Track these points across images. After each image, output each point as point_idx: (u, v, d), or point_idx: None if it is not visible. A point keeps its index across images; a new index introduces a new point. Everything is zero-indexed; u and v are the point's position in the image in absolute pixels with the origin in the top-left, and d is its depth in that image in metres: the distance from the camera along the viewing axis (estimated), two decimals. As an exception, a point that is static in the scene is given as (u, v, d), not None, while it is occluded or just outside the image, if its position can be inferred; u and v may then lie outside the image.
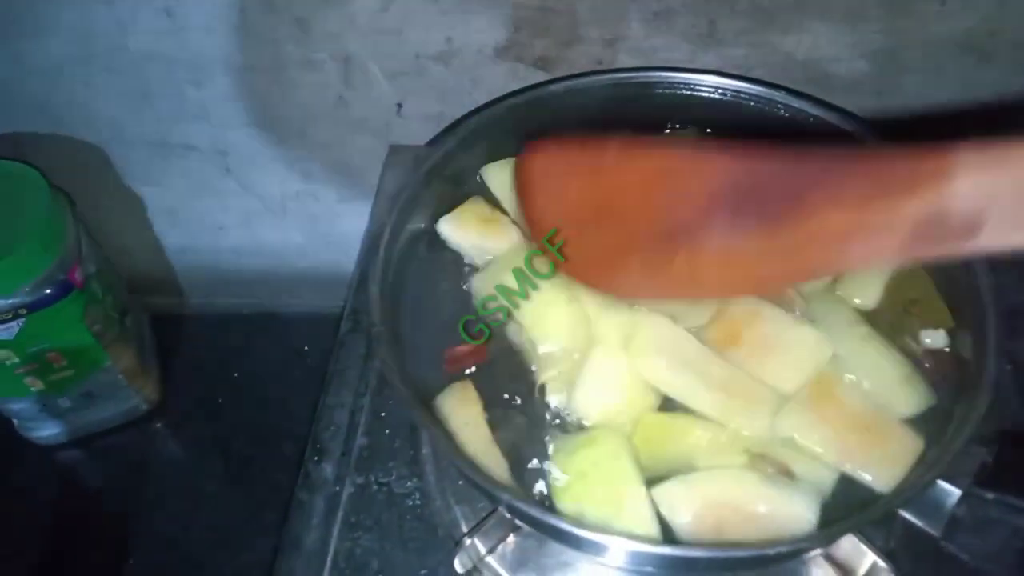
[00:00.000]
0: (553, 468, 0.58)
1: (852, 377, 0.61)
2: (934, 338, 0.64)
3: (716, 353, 0.61)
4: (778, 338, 0.62)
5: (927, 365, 0.63)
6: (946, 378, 0.62)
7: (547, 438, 0.60)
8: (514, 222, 0.70)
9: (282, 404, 1.05)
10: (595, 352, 0.61)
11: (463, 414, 0.59)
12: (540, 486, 0.58)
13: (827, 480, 0.57)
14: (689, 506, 0.55)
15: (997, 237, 0.40)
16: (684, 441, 0.59)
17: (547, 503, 0.57)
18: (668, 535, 0.55)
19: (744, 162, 0.48)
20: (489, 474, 0.55)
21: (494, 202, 0.71)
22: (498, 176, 0.72)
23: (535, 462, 0.59)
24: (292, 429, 1.01)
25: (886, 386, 0.61)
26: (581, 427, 0.60)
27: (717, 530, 0.55)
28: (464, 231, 0.69)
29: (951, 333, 0.64)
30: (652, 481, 0.57)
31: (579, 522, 0.54)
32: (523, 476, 0.58)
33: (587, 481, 0.56)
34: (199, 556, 0.95)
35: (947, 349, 0.63)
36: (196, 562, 0.94)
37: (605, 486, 0.56)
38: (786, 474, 0.57)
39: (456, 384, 0.62)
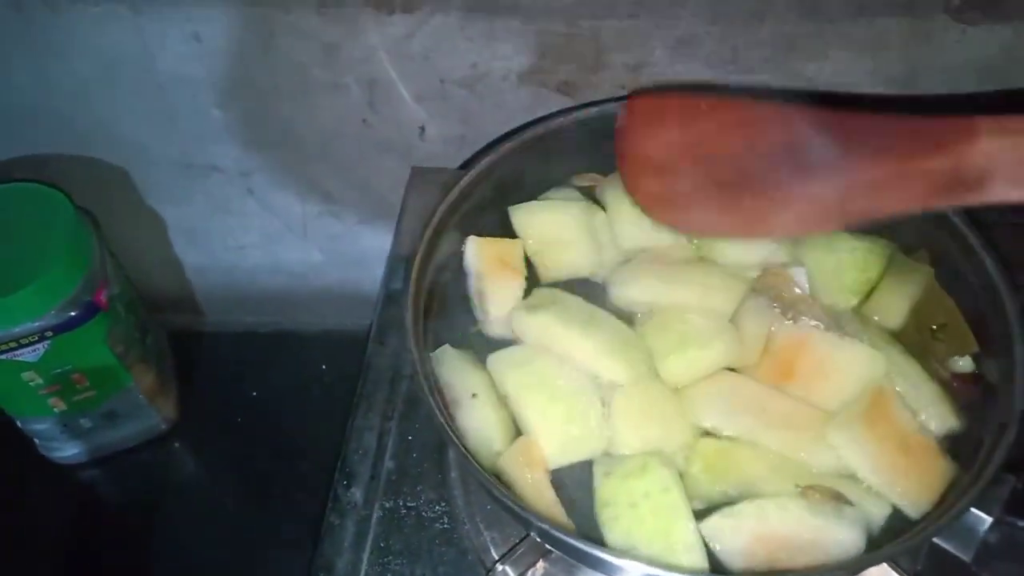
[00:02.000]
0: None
1: (909, 401, 0.62)
2: (962, 362, 0.64)
3: (771, 388, 0.62)
4: (830, 361, 0.63)
5: (955, 385, 0.63)
6: (972, 403, 0.63)
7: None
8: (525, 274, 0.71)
9: (301, 422, 1.05)
10: (630, 383, 0.62)
11: (527, 473, 0.60)
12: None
13: (880, 508, 0.57)
14: (737, 539, 0.56)
15: (1002, 192, 0.49)
16: (745, 467, 0.59)
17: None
18: (718, 568, 0.56)
19: (809, 117, 0.57)
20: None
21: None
22: (523, 217, 0.73)
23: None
24: (311, 447, 1.02)
25: (921, 404, 0.62)
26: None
27: (768, 561, 0.55)
28: (479, 259, 0.70)
29: (976, 358, 0.64)
30: (709, 508, 0.58)
31: (606, 547, 0.55)
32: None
33: (637, 512, 0.57)
34: (219, 574, 0.95)
35: (974, 373, 0.64)
36: (215, 580, 0.94)
37: (655, 519, 0.57)
38: (840, 500, 0.57)
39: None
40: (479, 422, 0.62)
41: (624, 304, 0.69)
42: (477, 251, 0.70)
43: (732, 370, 0.64)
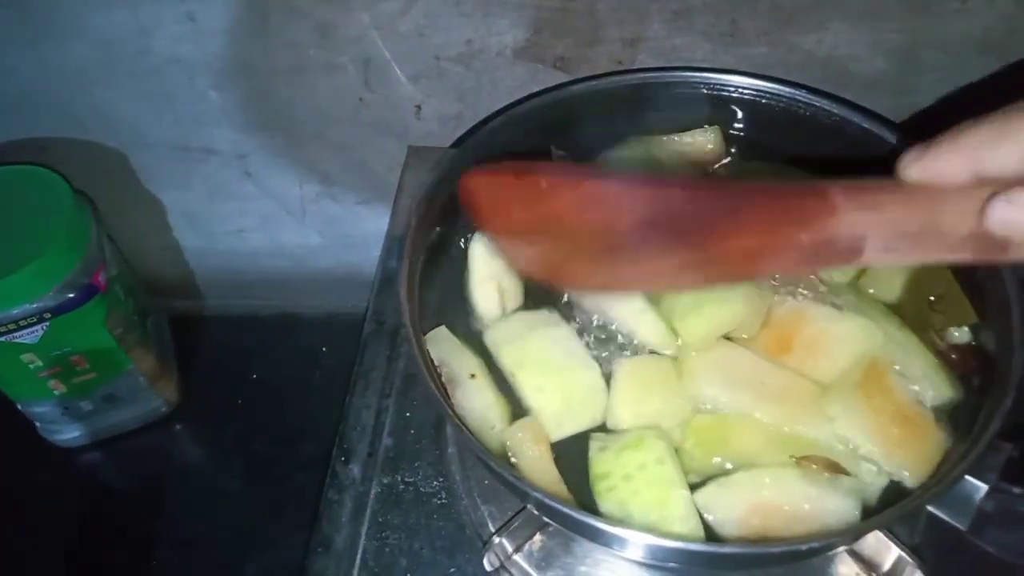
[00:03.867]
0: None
1: (903, 373, 0.61)
2: (959, 333, 0.64)
3: (770, 361, 0.62)
4: (827, 334, 0.63)
5: (953, 357, 0.63)
6: (970, 373, 0.62)
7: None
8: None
9: (301, 405, 1.05)
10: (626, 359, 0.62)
11: (531, 448, 0.60)
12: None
13: (876, 478, 0.57)
14: (732, 509, 0.56)
15: (875, 257, 0.48)
16: (739, 440, 0.59)
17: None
18: (712, 538, 0.56)
19: (665, 192, 0.54)
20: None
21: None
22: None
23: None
24: (312, 430, 1.03)
25: (917, 376, 0.61)
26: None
27: (763, 531, 0.55)
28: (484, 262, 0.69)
29: (974, 328, 0.64)
30: (705, 481, 0.58)
31: (602, 517, 0.55)
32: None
33: (632, 484, 0.57)
34: (221, 557, 0.95)
35: (972, 344, 0.64)
36: (219, 563, 0.95)
37: (650, 490, 0.57)
38: (836, 471, 0.57)
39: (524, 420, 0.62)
40: (478, 402, 0.62)
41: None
42: (485, 252, 0.69)
43: (729, 339, 0.64)
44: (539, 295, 0.68)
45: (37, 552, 0.95)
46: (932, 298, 0.65)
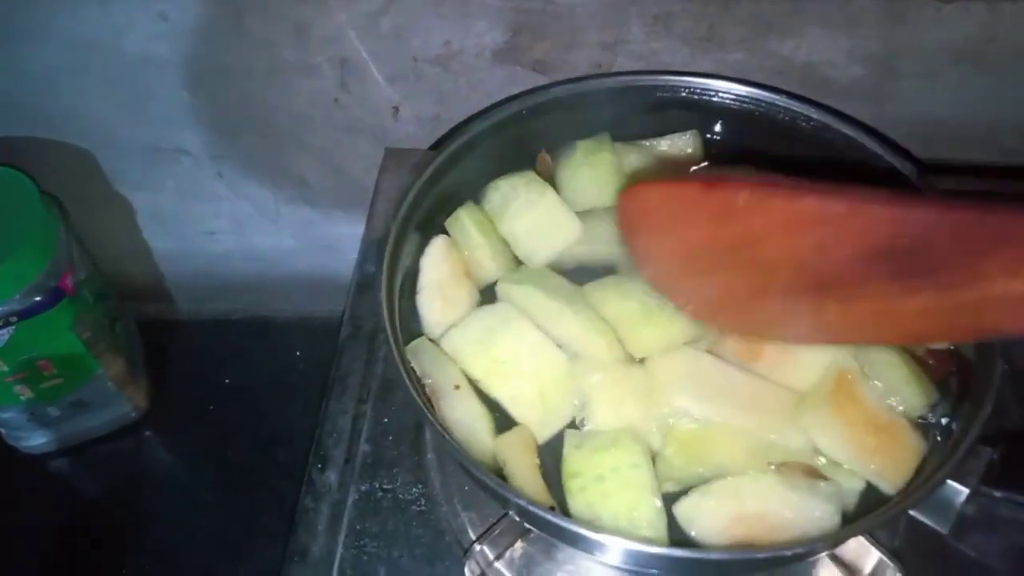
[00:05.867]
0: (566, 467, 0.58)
1: (876, 384, 0.62)
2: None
3: (739, 368, 0.62)
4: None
5: (931, 363, 0.63)
6: (948, 378, 0.63)
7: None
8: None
9: (276, 410, 1.04)
10: (609, 365, 0.62)
11: (520, 459, 0.59)
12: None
13: (854, 482, 0.57)
14: (715, 520, 0.56)
15: None
16: (718, 449, 0.59)
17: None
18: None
19: (906, 215, 0.43)
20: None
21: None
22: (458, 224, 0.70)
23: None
24: (287, 435, 1.01)
25: (893, 384, 0.62)
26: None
27: (746, 540, 0.55)
28: (440, 264, 0.68)
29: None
30: (683, 491, 0.57)
31: (591, 525, 0.54)
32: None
33: (603, 486, 0.56)
34: (196, 565, 0.93)
35: (950, 349, 0.64)
36: (193, 571, 0.93)
37: (622, 493, 0.56)
38: (815, 475, 0.57)
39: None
40: (464, 413, 0.61)
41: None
42: (442, 255, 0.68)
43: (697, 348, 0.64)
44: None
45: (6, 561, 0.92)
46: None
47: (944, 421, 0.61)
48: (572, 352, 0.64)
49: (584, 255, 0.70)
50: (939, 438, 0.60)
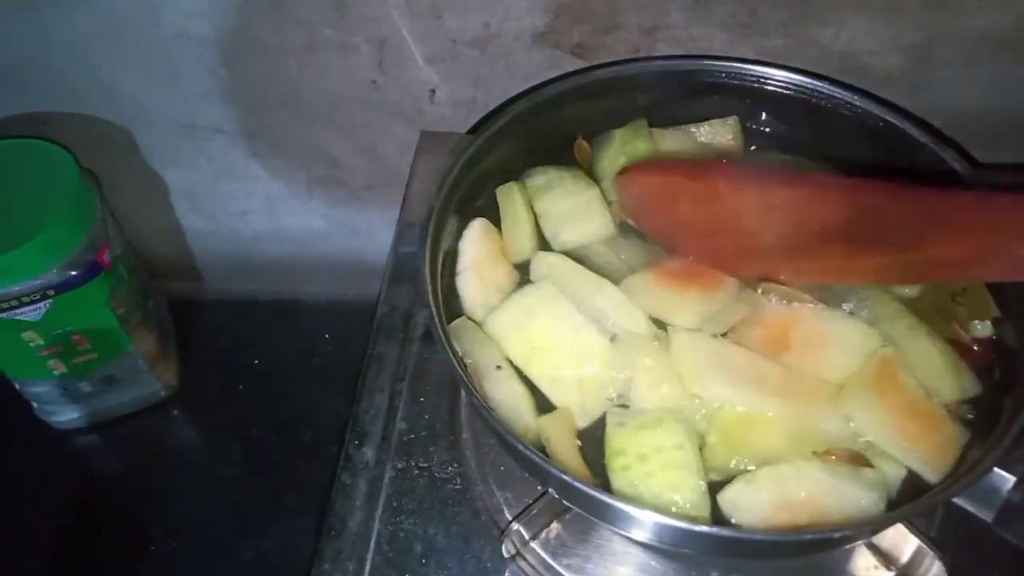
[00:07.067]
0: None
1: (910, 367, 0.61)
2: (981, 327, 0.64)
3: (763, 356, 0.62)
4: (826, 334, 0.63)
5: (975, 349, 0.63)
6: (991, 365, 0.62)
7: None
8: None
9: (301, 392, 1.04)
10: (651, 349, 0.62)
11: (562, 439, 0.59)
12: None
13: (898, 469, 0.57)
14: (759, 507, 0.55)
15: None
16: (761, 438, 0.59)
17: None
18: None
19: (859, 200, 0.54)
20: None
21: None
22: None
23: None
24: (311, 416, 1.02)
25: (933, 374, 0.61)
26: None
27: (790, 527, 0.55)
28: (479, 246, 0.68)
29: (997, 323, 0.64)
30: (725, 481, 0.57)
31: (631, 500, 0.54)
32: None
33: (647, 465, 0.56)
34: (219, 542, 0.94)
35: (993, 338, 0.64)
36: (215, 548, 0.93)
37: (665, 473, 0.56)
38: (859, 462, 0.57)
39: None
40: (506, 393, 0.61)
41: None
42: (481, 236, 0.68)
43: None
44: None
45: (32, 535, 0.93)
46: (955, 292, 0.65)
47: (985, 410, 0.60)
48: (611, 330, 0.63)
49: (600, 257, 0.69)
50: (979, 427, 0.60)
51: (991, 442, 0.55)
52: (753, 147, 0.76)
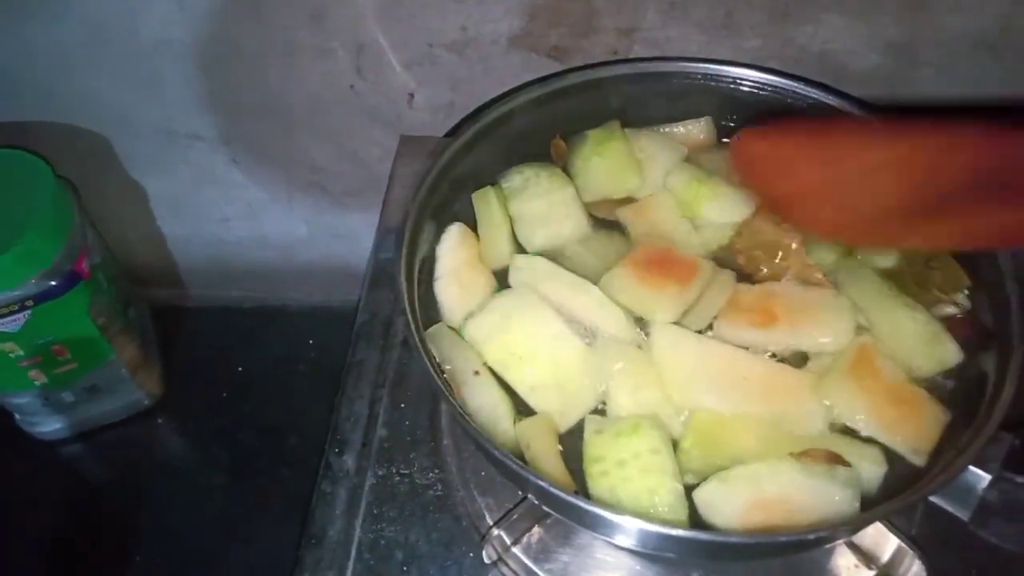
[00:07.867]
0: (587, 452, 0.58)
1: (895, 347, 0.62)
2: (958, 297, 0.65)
3: (750, 354, 0.62)
4: (806, 300, 0.64)
5: (957, 316, 0.64)
6: (970, 337, 0.63)
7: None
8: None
9: (286, 398, 1.04)
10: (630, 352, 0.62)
11: (542, 444, 0.59)
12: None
13: (874, 469, 0.57)
14: (734, 506, 0.55)
15: None
16: (736, 441, 0.59)
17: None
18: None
19: (993, 144, 0.50)
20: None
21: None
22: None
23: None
24: (296, 423, 1.01)
25: (913, 344, 0.62)
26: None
27: (764, 527, 0.55)
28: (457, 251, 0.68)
29: (970, 293, 0.65)
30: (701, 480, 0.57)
31: (613, 507, 0.54)
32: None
33: (625, 471, 0.56)
34: (206, 550, 0.94)
35: (969, 311, 0.65)
36: (203, 556, 0.93)
37: (642, 478, 0.56)
38: (835, 462, 0.57)
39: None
40: (485, 399, 0.61)
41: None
42: (458, 241, 0.68)
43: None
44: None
45: (18, 547, 0.93)
46: (928, 258, 0.66)
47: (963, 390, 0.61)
48: (590, 333, 0.64)
49: (576, 257, 0.69)
50: (960, 413, 0.60)
51: (965, 440, 0.55)
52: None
